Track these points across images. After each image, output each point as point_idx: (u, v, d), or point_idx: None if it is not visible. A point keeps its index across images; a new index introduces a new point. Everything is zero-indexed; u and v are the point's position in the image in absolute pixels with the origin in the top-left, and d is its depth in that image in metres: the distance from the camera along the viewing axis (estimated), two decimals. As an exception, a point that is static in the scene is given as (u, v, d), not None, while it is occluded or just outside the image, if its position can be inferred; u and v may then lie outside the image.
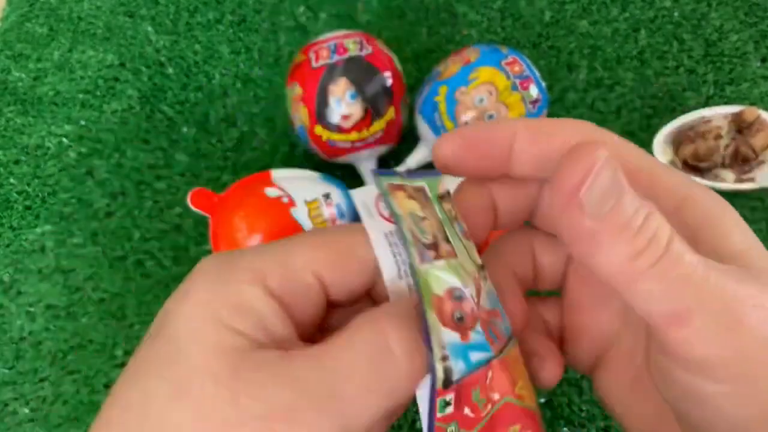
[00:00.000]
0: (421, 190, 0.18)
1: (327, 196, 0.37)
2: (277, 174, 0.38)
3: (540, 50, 0.48)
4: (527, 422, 0.17)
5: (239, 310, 0.15)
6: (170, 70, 0.48)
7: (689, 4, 0.50)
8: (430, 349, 0.15)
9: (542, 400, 0.35)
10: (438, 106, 0.38)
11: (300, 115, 0.39)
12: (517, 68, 0.37)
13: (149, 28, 0.50)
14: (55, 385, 0.37)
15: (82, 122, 0.46)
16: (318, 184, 0.38)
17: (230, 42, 0.49)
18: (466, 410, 0.17)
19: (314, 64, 0.38)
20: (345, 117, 0.37)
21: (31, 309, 0.39)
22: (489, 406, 0.17)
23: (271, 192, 0.35)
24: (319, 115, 0.38)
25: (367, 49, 0.38)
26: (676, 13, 0.50)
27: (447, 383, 0.16)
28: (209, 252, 0.39)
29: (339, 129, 0.38)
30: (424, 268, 0.16)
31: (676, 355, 0.15)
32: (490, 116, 0.37)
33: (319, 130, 0.38)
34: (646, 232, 0.14)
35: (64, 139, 0.45)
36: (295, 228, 0.35)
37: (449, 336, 0.16)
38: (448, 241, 0.17)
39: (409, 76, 0.47)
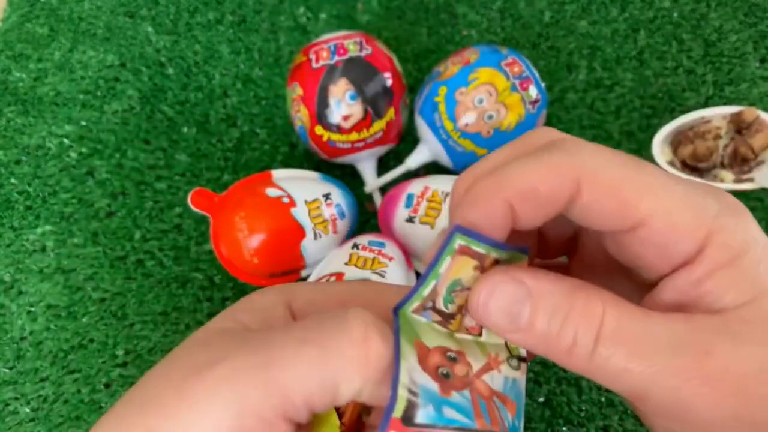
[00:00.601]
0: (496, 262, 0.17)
1: (327, 196, 0.37)
2: (278, 174, 0.38)
3: (539, 51, 0.48)
4: None
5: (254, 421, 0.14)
6: (170, 71, 0.48)
7: (688, 4, 0.50)
8: (397, 377, 0.15)
9: (541, 400, 0.36)
10: (438, 107, 0.38)
11: (300, 116, 0.39)
12: (516, 69, 0.38)
13: (149, 29, 0.50)
14: (55, 384, 0.37)
15: (83, 122, 0.46)
16: (318, 184, 0.38)
17: (230, 42, 0.49)
18: None
19: (314, 65, 0.38)
20: (345, 117, 0.38)
21: (32, 309, 0.39)
22: None
23: (271, 192, 0.35)
24: (320, 115, 0.38)
25: (367, 50, 0.38)
26: (675, 14, 0.50)
27: (407, 419, 0.15)
28: (210, 252, 0.39)
29: (339, 129, 0.38)
30: (415, 317, 0.16)
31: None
32: (490, 116, 0.37)
33: (319, 130, 0.38)
34: (566, 339, 0.15)
35: (65, 140, 0.45)
36: (295, 227, 0.35)
37: (425, 379, 0.15)
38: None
39: (409, 77, 0.47)
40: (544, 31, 0.49)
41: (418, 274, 0.37)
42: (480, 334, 0.17)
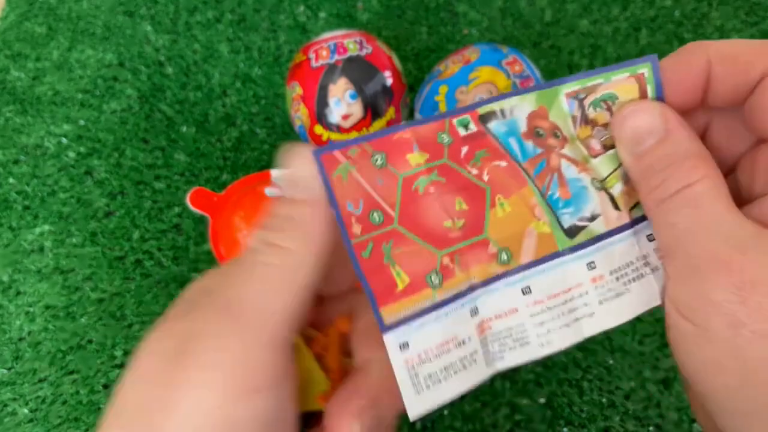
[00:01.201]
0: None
1: (327, 196, 0.37)
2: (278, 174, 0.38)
3: (540, 49, 0.48)
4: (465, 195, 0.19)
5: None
6: (169, 70, 0.48)
7: (690, 3, 0.50)
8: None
9: (542, 401, 0.35)
10: (438, 106, 0.38)
11: (300, 115, 0.39)
12: (517, 68, 0.37)
13: (148, 28, 0.50)
14: (54, 385, 0.37)
15: (81, 122, 0.45)
16: (318, 184, 0.37)
17: (230, 41, 0.49)
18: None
19: (314, 64, 0.38)
20: (345, 117, 0.37)
21: (30, 309, 0.39)
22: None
23: (270, 191, 0.35)
24: (319, 114, 0.38)
25: (367, 49, 0.38)
26: (676, 12, 0.50)
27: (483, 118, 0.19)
28: (208, 252, 0.39)
29: (339, 129, 0.38)
30: (564, 101, 0.19)
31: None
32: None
33: (319, 129, 0.38)
34: (658, 179, 0.17)
35: (63, 139, 0.45)
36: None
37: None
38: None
39: (409, 76, 0.46)
40: (545, 30, 0.49)
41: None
42: (594, 157, 0.20)
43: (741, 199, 0.18)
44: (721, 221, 0.16)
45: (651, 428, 0.34)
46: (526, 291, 0.20)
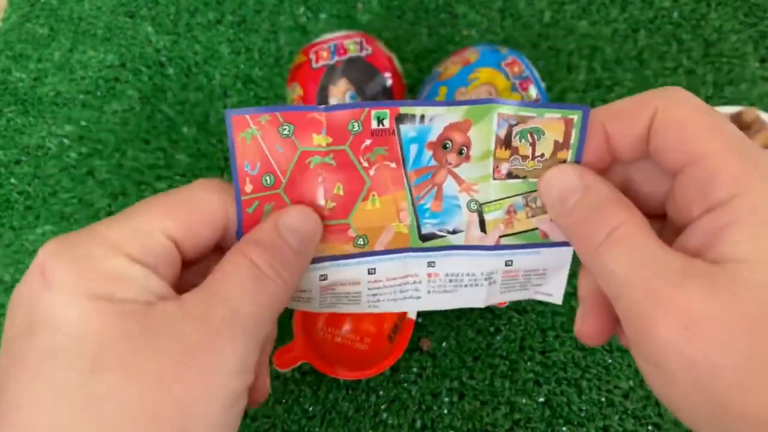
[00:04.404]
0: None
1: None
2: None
3: (539, 51, 0.48)
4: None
5: (112, 280, 0.16)
6: (170, 71, 0.48)
7: (688, 4, 0.50)
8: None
9: (541, 400, 0.36)
10: (438, 107, 0.38)
11: (300, 116, 0.39)
12: (516, 69, 0.38)
13: (149, 29, 0.50)
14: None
15: (83, 122, 0.46)
16: (318, 185, 0.38)
17: (230, 42, 0.49)
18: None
19: (314, 65, 0.38)
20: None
21: (32, 309, 0.39)
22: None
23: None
24: (320, 115, 0.38)
25: (367, 50, 0.38)
26: (675, 14, 0.50)
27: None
28: (210, 252, 0.39)
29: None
30: (493, 120, 0.21)
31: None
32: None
33: (319, 130, 0.38)
34: (587, 229, 0.18)
35: (65, 140, 0.45)
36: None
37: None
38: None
39: (409, 77, 0.47)
40: (544, 31, 0.49)
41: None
42: (495, 179, 0.21)
43: (674, 235, 0.19)
44: (652, 259, 0.17)
45: (650, 427, 0.35)
46: (371, 271, 0.23)
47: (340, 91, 0.37)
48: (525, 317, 0.38)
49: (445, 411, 0.35)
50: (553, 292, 0.24)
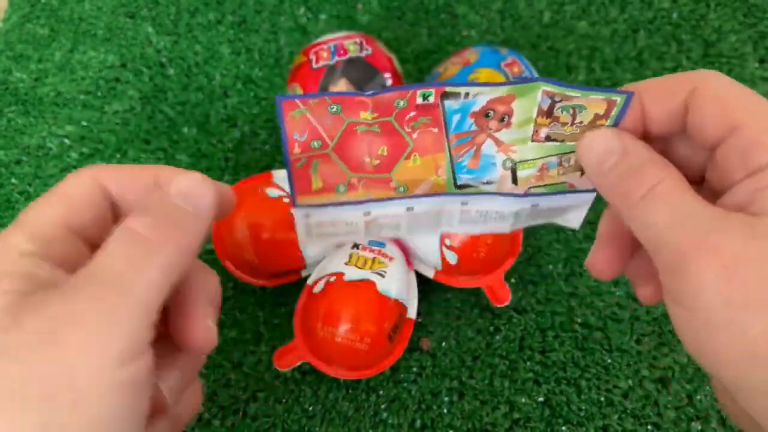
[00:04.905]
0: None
1: (327, 196, 0.37)
2: (278, 174, 0.38)
3: (539, 51, 0.48)
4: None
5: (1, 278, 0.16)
6: (171, 71, 0.48)
7: (688, 4, 0.50)
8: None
9: (540, 399, 0.36)
10: (438, 107, 0.38)
11: (300, 116, 0.39)
12: (516, 69, 0.38)
13: (150, 29, 0.50)
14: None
15: (84, 123, 0.46)
16: (318, 185, 0.38)
17: (231, 43, 0.49)
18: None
19: (314, 65, 0.38)
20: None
21: (33, 309, 0.40)
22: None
23: (272, 192, 0.36)
24: (320, 115, 0.38)
25: (367, 50, 0.38)
26: (674, 14, 0.50)
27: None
28: (211, 251, 0.39)
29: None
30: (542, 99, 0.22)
31: None
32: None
33: (319, 130, 0.38)
34: (627, 186, 0.19)
35: (66, 140, 0.45)
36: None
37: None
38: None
39: (409, 77, 0.47)
40: (543, 32, 0.49)
41: (417, 274, 0.37)
42: (533, 141, 0.23)
43: (713, 199, 0.20)
44: (692, 210, 0.18)
45: (649, 427, 0.35)
46: (409, 209, 0.25)
47: (341, 90, 0.37)
48: (524, 317, 0.38)
49: (445, 410, 0.36)
50: (573, 220, 0.26)
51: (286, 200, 0.35)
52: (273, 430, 0.35)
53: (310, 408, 0.36)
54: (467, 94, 0.22)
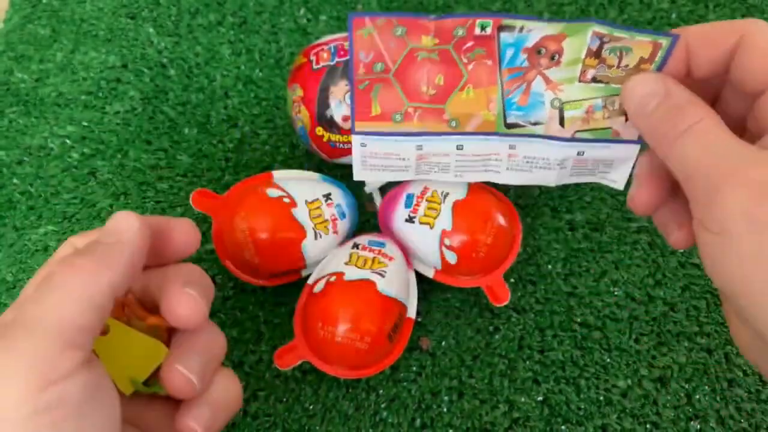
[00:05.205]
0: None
1: (328, 196, 0.37)
2: (279, 174, 0.39)
3: (539, 52, 0.48)
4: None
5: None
6: (172, 72, 0.48)
7: (687, 5, 0.50)
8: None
9: (540, 398, 0.36)
10: (437, 108, 0.38)
11: (301, 117, 0.39)
12: (515, 70, 0.38)
13: (151, 30, 0.50)
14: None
15: (85, 123, 0.46)
16: (319, 185, 0.38)
17: (231, 44, 0.49)
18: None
19: (315, 66, 0.38)
20: (346, 118, 0.38)
21: (35, 308, 0.40)
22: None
23: (272, 192, 0.36)
24: (320, 116, 0.38)
25: (368, 51, 0.39)
26: (673, 15, 0.50)
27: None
28: (212, 251, 0.39)
29: (339, 130, 0.38)
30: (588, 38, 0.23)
31: None
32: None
33: (320, 131, 0.39)
34: (666, 126, 0.20)
35: (67, 140, 0.45)
36: (296, 228, 0.35)
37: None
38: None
39: (409, 78, 0.47)
40: (543, 33, 0.49)
41: (417, 273, 0.37)
42: (580, 82, 0.24)
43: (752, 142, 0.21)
44: (726, 145, 0.19)
45: (647, 426, 0.35)
46: (459, 147, 0.26)
47: (341, 91, 0.37)
48: (524, 316, 0.38)
49: (445, 410, 0.36)
50: (618, 179, 0.27)
51: (286, 200, 0.35)
52: (273, 429, 0.35)
53: (311, 407, 0.36)
54: (522, 28, 0.23)
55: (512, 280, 0.39)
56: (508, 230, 0.36)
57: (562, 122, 0.25)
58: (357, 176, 0.28)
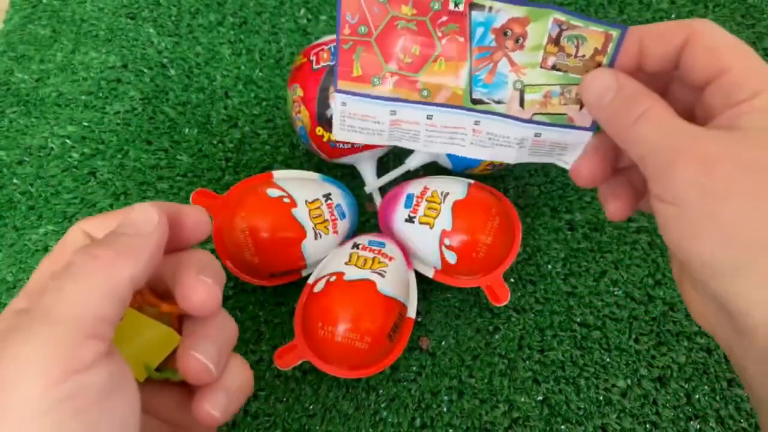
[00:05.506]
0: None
1: (327, 196, 0.37)
2: (279, 174, 0.39)
3: (538, 52, 0.49)
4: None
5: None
6: (172, 72, 0.48)
7: (686, 5, 0.50)
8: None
9: (540, 398, 0.36)
10: (437, 108, 0.39)
11: (301, 117, 0.39)
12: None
13: (151, 30, 0.50)
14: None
15: (85, 123, 0.46)
16: (318, 185, 0.38)
17: (231, 44, 0.49)
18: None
19: (315, 66, 0.38)
20: (345, 118, 0.38)
21: (35, 308, 0.40)
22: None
23: (272, 192, 0.36)
24: (320, 116, 0.38)
25: (368, 51, 0.39)
26: (673, 15, 0.50)
27: None
28: (212, 251, 0.39)
29: (339, 130, 0.38)
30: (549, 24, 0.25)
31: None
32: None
33: (319, 131, 0.39)
34: (622, 113, 0.22)
35: (67, 140, 0.45)
36: (296, 227, 0.35)
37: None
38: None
39: (409, 78, 0.47)
40: (542, 33, 0.50)
41: (417, 273, 0.37)
42: (541, 67, 0.26)
43: None
44: (676, 126, 0.21)
45: (647, 425, 0.35)
46: (429, 117, 0.29)
47: (341, 92, 0.38)
48: (523, 316, 0.38)
49: (445, 409, 0.36)
50: (570, 162, 0.29)
51: (287, 200, 0.36)
52: (274, 429, 0.35)
53: (311, 407, 0.36)
54: (491, 8, 0.26)
55: (512, 280, 0.40)
56: (508, 230, 0.36)
57: (522, 103, 0.27)
58: (336, 135, 0.30)
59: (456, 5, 0.26)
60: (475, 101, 0.28)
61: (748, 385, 0.22)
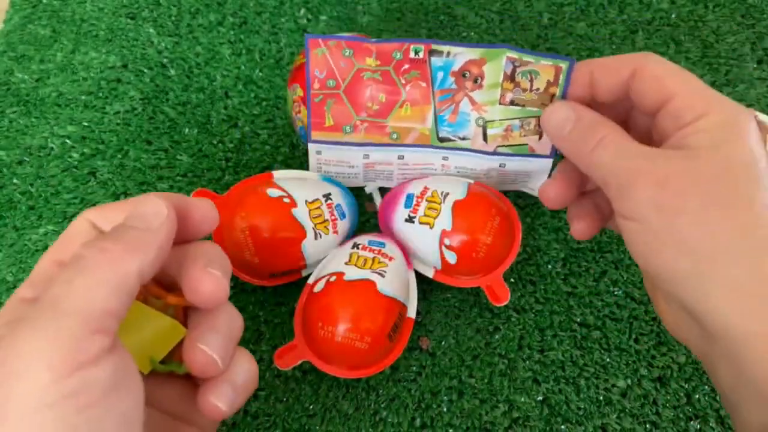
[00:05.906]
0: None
1: (327, 196, 0.37)
2: (279, 174, 0.39)
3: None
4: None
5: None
6: (172, 72, 0.48)
7: (686, 5, 0.51)
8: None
9: (539, 398, 0.36)
10: (437, 108, 0.39)
11: (301, 117, 0.39)
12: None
13: (151, 30, 0.50)
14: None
15: (85, 123, 0.46)
16: (319, 185, 0.38)
17: (231, 44, 0.49)
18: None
19: (315, 66, 0.38)
20: (345, 118, 0.38)
21: (35, 308, 0.40)
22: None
23: (272, 192, 0.36)
24: (320, 116, 0.38)
25: (367, 51, 0.39)
26: (673, 15, 0.50)
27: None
28: (211, 252, 0.39)
29: (339, 130, 0.38)
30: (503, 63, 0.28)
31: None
32: (489, 118, 0.37)
33: (319, 131, 0.39)
34: (581, 143, 0.25)
35: (67, 140, 0.45)
36: (296, 228, 0.35)
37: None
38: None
39: (409, 78, 0.47)
40: (542, 33, 0.50)
41: (417, 273, 0.37)
42: (500, 104, 0.28)
43: None
44: (631, 150, 0.23)
45: (647, 425, 0.35)
46: (401, 157, 0.31)
47: (341, 92, 0.38)
48: (523, 316, 0.38)
49: (445, 409, 0.36)
50: (536, 188, 0.31)
51: (287, 200, 0.36)
52: (273, 429, 0.35)
53: (311, 407, 0.36)
54: (449, 53, 0.27)
55: (512, 280, 0.40)
56: (507, 230, 0.36)
57: (485, 138, 0.29)
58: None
59: (416, 53, 0.27)
60: (441, 139, 0.30)
61: (721, 389, 0.23)
